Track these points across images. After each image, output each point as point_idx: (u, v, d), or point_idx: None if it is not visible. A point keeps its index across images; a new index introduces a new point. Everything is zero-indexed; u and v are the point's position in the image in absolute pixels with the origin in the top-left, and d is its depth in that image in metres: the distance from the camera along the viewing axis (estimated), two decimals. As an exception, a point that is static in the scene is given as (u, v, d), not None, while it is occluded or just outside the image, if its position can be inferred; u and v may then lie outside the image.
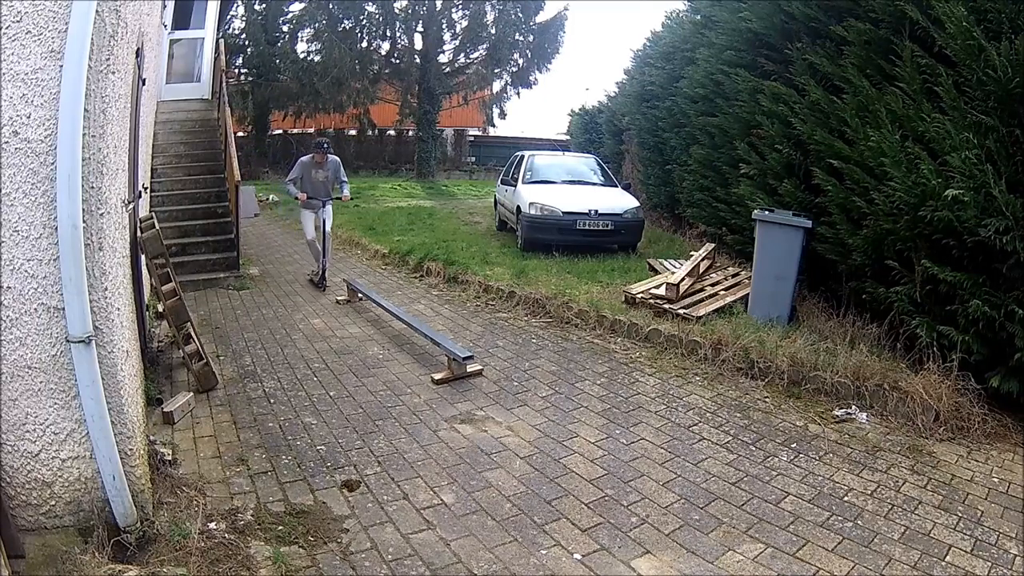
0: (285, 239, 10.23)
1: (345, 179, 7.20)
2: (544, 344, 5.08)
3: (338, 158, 7.20)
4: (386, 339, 5.21)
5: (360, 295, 6.24)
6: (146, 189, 5.66)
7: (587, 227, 7.65)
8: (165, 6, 7.81)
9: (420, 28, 18.77)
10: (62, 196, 2.09)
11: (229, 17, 17.43)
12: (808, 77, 5.09)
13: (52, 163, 2.11)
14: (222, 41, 9.82)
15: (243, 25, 18.85)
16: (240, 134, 17.92)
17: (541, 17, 19.19)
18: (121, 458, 2.31)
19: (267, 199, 14.00)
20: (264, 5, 18.67)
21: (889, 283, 4.30)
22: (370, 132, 22.26)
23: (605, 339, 5.15)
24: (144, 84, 4.63)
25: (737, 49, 6.40)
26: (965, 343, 3.64)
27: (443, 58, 19.58)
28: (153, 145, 7.49)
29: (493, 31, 18.81)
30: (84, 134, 2.12)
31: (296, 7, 19.00)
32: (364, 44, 18.59)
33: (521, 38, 19.10)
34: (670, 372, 4.47)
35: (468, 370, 4.32)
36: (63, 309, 2.16)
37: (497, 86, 20.53)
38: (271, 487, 2.93)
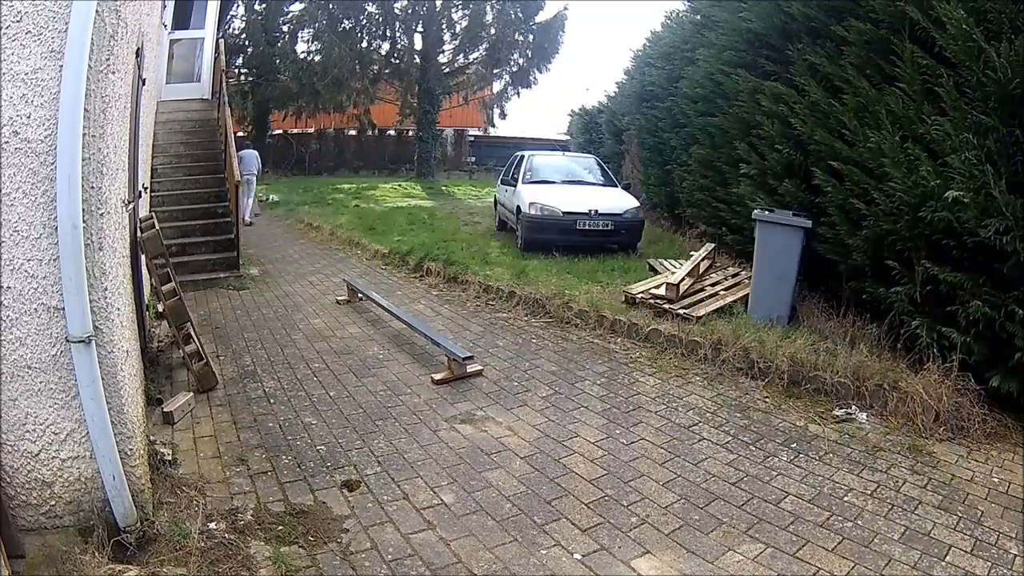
0: (285, 239, 10.23)
1: None
2: (544, 344, 5.08)
3: None
4: (386, 339, 5.21)
5: (360, 295, 6.24)
6: (146, 189, 5.65)
7: (587, 227, 7.65)
8: (165, 6, 7.81)
9: (420, 28, 18.77)
10: (62, 196, 2.09)
11: (229, 17, 17.45)
12: (808, 77, 5.09)
13: (52, 163, 2.11)
14: (222, 41, 9.83)
15: (243, 25, 18.87)
16: (240, 134, 17.91)
17: (541, 17, 19.20)
18: (121, 458, 2.31)
19: (267, 199, 14.00)
20: (264, 5, 18.69)
21: (889, 283, 4.30)
22: (370, 132, 22.25)
23: (605, 339, 5.14)
24: (144, 84, 4.62)
25: (737, 49, 6.40)
26: (965, 343, 3.64)
27: (443, 58, 19.58)
28: (153, 145, 7.49)
29: (493, 31, 18.81)
30: (84, 134, 2.12)
31: (296, 7, 19.04)
32: (364, 44, 18.59)
33: (521, 38, 19.10)
34: (670, 372, 4.47)
35: (468, 370, 4.32)
36: (63, 309, 2.16)
37: (497, 86, 20.54)
38: (271, 487, 2.93)
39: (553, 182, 8.77)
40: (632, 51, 11.70)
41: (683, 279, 5.53)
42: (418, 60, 18.94)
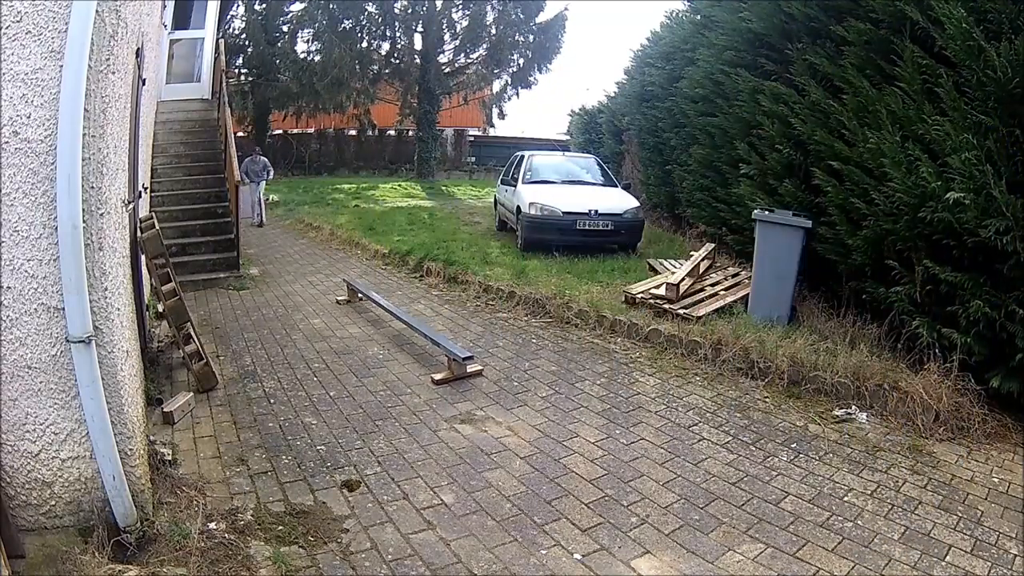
0: (285, 239, 10.23)
1: None
2: (544, 344, 5.08)
3: None
4: (386, 339, 5.21)
5: (360, 295, 6.24)
6: (146, 189, 5.65)
7: (587, 227, 7.65)
8: (165, 6, 7.80)
9: (420, 28, 18.78)
10: (62, 196, 2.09)
11: (229, 17, 17.45)
12: (808, 77, 5.09)
13: (52, 163, 2.11)
14: (222, 41, 9.83)
15: (243, 25, 18.88)
16: (240, 134, 17.92)
17: (541, 17, 19.22)
18: (121, 458, 2.31)
19: (267, 199, 13.98)
20: (264, 5, 18.70)
21: (889, 283, 4.30)
22: (370, 132, 22.29)
23: (605, 339, 5.14)
24: (144, 84, 4.62)
25: (737, 49, 6.40)
26: (966, 343, 3.64)
27: (443, 58, 19.60)
28: (153, 145, 7.49)
29: (493, 31, 18.83)
30: (84, 134, 2.12)
31: (296, 7, 19.07)
32: (364, 44, 18.61)
33: (521, 38, 19.12)
34: (670, 372, 4.47)
35: (468, 370, 4.32)
36: (63, 309, 2.16)
37: (497, 86, 20.57)
38: (271, 487, 2.93)
39: (553, 182, 8.77)
40: (632, 51, 11.68)
41: (683, 279, 5.53)
42: (418, 60, 18.96)
